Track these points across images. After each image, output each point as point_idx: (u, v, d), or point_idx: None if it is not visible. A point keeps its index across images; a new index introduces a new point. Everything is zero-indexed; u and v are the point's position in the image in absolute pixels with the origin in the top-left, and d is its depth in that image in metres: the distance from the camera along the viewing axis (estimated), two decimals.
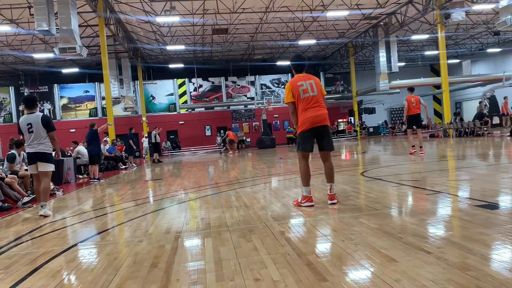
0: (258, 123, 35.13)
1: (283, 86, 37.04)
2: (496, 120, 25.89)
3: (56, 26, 14.93)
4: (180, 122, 34.42)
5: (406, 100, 11.67)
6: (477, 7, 22.66)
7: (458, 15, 20.08)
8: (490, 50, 35.25)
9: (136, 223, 5.05)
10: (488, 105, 27.04)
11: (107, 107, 20.12)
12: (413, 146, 11.75)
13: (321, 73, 37.91)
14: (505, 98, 25.60)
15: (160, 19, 21.42)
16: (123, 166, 18.13)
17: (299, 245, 3.39)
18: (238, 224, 4.44)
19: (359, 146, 20.85)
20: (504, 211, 4.07)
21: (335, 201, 5.06)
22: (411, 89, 11.99)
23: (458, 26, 27.60)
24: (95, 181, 12.06)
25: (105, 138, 18.12)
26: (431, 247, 3.01)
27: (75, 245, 4.16)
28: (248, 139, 34.73)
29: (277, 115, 36.04)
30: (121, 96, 28.77)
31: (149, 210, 5.99)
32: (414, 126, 11.87)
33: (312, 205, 5.01)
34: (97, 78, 30.31)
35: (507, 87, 28.27)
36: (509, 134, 17.88)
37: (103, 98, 29.54)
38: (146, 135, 26.36)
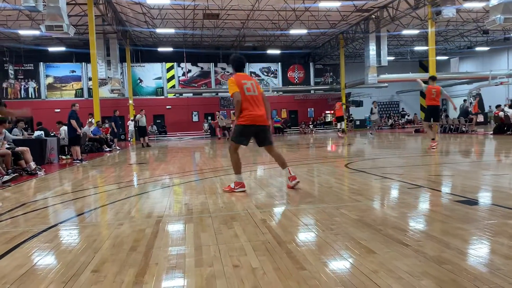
0: None
1: (272, 75, 36.95)
2: (480, 118, 26.25)
3: (43, 2, 14.57)
4: (167, 107, 34.14)
5: (425, 88, 10.97)
6: (468, 5, 22.78)
7: (449, 11, 20.15)
8: (478, 49, 35.59)
9: (118, 205, 5.01)
10: (473, 103, 27.39)
11: (93, 88, 19.84)
12: (433, 139, 11.03)
13: (310, 63, 37.88)
14: (476, 97, 25.98)
15: (150, 1, 21.07)
16: (108, 149, 17.94)
17: (280, 233, 3.41)
18: (221, 210, 4.44)
19: (345, 138, 20.98)
20: (482, 207, 4.14)
21: (297, 180, 5.49)
22: (433, 78, 11.28)
23: (448, 22, 27.76)
24: (77, 162, 11.94)
25: (89, 120, 17.89)
26: (409, 240, 3.05)
27: (55, 225, 4.11)
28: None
29: None
30: (108, 77, 28.35)
31: (132, 194, 5.95)
32: (431, 119, 11.18)
33: (244, 191, 5.44)
34: (84, 58, 29.75)
35: (493, 86, 28.68)
36: (492, 132, 18.17)
37: (90, 79, 29.05)
38: (132, 118, 26.10)
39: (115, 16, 23.90)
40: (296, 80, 37.50)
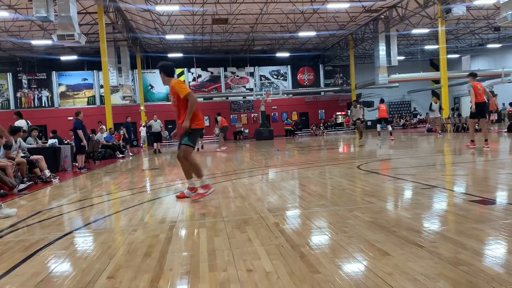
0: (256, 114, 35.09)
1: (282, 78, 36.97)
2: (494, 116, 25.90)
3: (54, 12, 14.81)
4: None
5: (472, 86, 10.51)
6: (478, 2, 22.56)
7: (459, 9, 20.01)
8: (490, 46, 35.17)
9: (132, 212, 5.05)
10: (488, 100, 27.02)
11: (105, 96, 20.06)
12: (473, 141, 10.59)
13: (320, 65, 37.81)
14: (495, 94, 25.59)
15: (159, 8, 21.29)
16: (121, 155, 18.11)
17: (293, 236, 3.40)
18: (234, 215, 4.45)
19: (356, 139, 20.85)
20: (498, 206, 4.09)
21: (206, 191, 5.49)
22: (474, 74, 10.97)
23: (458, 20, 27.48)
24: (82, 170, 12.06)
25: (101, 126, 18.08)
26: (424, 241, 3.02)
27: (70, 232, 4.16)
28: (246, 131, 34.71)
29: (275, 107, 36.01)
30: (120, 84, 28.67)
31: (145, 200, 6.00)
32: (479, 116, 10.76)
33: (213, 190, 5.63)
34: (96, 66, 30.14)
35: (506, 83, 28.29)
36: (506, 130, 17.91)
37: (102, 86, 29.40)
38: (143, 124, 26.30)
39: (125, 24, 24.17)
40: (306, 82, 37.45)
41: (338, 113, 36.94)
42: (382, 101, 17.91)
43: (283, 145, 20.18)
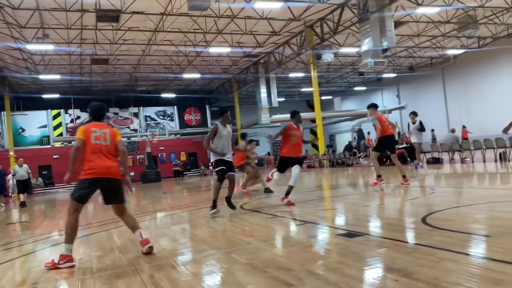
0: (142, 156, 34.02)
1: (169, 118, 36.71)
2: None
3: None
4: (55, 156, 31.69)
5: (377, 119, 9.27)
6: (343, 50, 25.29)
7: (327, 56, 22.26)
8: (356, 88, 39.47)
9: None
10: (357, 138, 30.01)
11: None
12: (379, 176, 9.19)
13: (207, 106, 38.49)
14: (368, 133, 28.64)
15: (31, 47, 19.85)
16: None
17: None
18: (106, 269, 4.15)
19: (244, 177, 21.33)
20: (360, 238, 4.45)
21: (150, 244, 4.62)
22: (374, 105, 9.65)
23: (329, 66, 30.41)
24: None
25: None
26: (293, 280, 3.14)
27: None
28: (132, 173, 33.31)
29: (163, 148, 35.37)
30: None
31: (5, 258, 5.30)
32: (389, 150, 9.65)
33: (74, 265, 4.37)
34: None
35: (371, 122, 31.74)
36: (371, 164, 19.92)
37: None
38: (12, 172, 23.68)
39: None
40: (194, 122, 37.68)
41: None
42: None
43: (171, 187, 19.74)
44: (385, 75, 35.57)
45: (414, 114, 13.86)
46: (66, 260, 4.36)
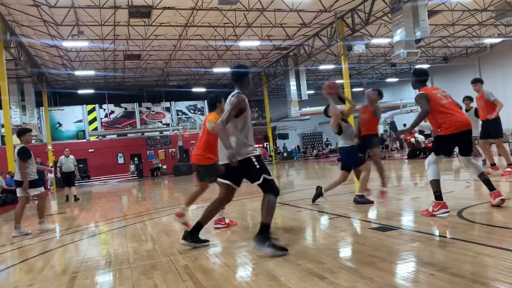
0: (174, 149, 34.58)
1: (199, 112, 37.08)
2: (396, 144, 28.19)
3: None
4: (90, 150, 32.70)
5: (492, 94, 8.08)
6: (375, 41, 24.78)
7: (359, 47, 21.81)
8: (389, 80, 38.64)
9: (31, 263, 4.64)
10: (389, 130, 29.46)
11: (6, 136, 18.51)
12: (493, 164, 8.68)
13: None
14: (404, 125, 28.05)
15: (67, 44, 20.46)
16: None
17: (201, 278, 3.35)
18: (141, 259, 4.28)
19: (274, 170, 21.38)
20: (394, 232, 4.40)
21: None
22: (481, 81, 8.53)
23: (360, 57, 29.90)
24: None
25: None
26: (326, 273, 3.14)
27: None
28: (164, 166, 33.96)
29: (194, 141, 35.80)
30: (24, 123, 26.65)
31: (47, 248, 5.55)
32: (494, 134, 8.45)
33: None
34: None
35: (404, 114, 31.11)
36: (406, 157, 19.53)
37: (2, 126, 27.13)
38: (51, 164, 24.59)
39: (29, 60, 22.79)
40: None
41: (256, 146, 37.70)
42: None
43: None
44: (418, 66, 34.64)
45: (469, 99, 10.66)
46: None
